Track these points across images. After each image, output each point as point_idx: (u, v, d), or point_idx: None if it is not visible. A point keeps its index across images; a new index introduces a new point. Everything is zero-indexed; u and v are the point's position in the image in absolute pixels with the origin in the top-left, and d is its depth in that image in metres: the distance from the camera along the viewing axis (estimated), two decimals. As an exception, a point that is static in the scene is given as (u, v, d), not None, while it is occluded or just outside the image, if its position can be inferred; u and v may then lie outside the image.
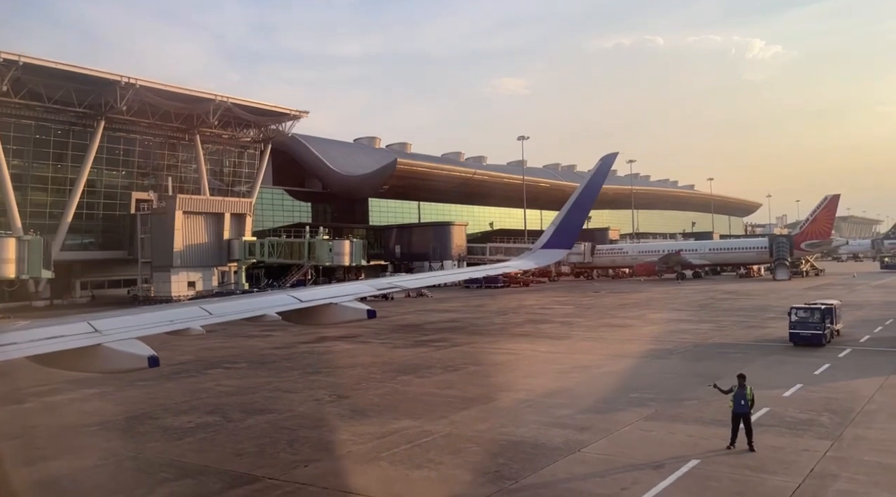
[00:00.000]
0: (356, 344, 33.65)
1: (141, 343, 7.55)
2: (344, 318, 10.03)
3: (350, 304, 10.03)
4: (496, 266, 19.65)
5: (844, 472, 13.12)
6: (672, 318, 41.79)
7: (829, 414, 17.42)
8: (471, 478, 13.47)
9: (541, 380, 23.35)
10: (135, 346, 7.48)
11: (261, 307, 9.59)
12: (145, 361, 7.30)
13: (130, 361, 7.37)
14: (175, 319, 8.55)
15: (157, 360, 7.29)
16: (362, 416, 18.80)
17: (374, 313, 9.99)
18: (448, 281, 20.19)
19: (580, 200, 15.00)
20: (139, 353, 7.36)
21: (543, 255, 15.17)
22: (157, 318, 8.55)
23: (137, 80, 70.01)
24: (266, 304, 9.79)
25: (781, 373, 22.97)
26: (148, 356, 7.31)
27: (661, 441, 15.57)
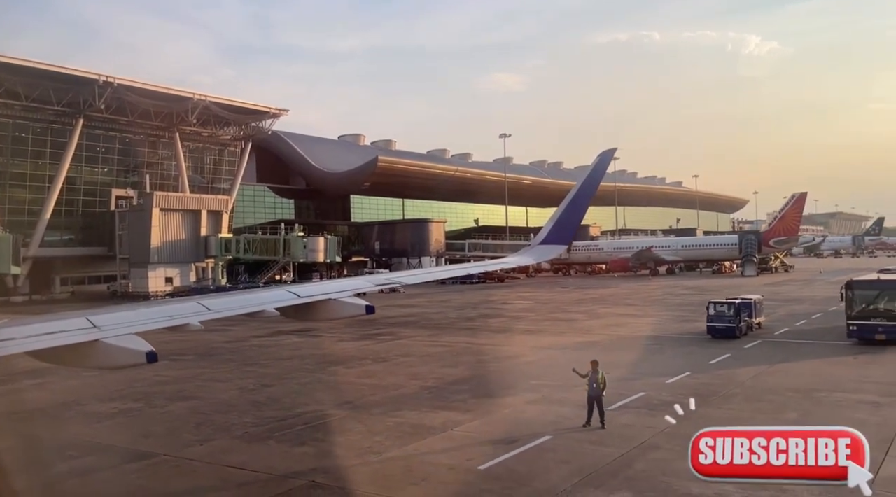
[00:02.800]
0: (306, 338, 35.24)
1: (139, 338, 7.54)
2: (343, 314, 10.04)
3: (349, 300, 10.04)
4: (494, 262, 20.38)
5: (667, 444, 14.74)
6: (618, 313, 43.45)
7: (711, 398, 19.05)
8: (342, 452, 15.12)
9: (457, 369, 24.99)
10: (133, 341, 7.47)
11: (259, 303, 9.65)
12: (143, 357, 7.30)
13: (128, 357, 7.38)
14: (174, 315, 8.57)
15: (155, 355, 7.31)
16: (275, 402, 20.43)
17: (372, 309, 9.93)
18: (445, 277, 20.61)
19: (578, 197, 14.94)
20: (137, 348, 7.36)
21: (541, 251, 15.11)
22: (155, 314, 8.54)
23: (115, 78, 71.51)
24: (264, 299, 9.88)
25: (680, 362, 24.58)
26: (146, 352, 7.32)
27: (529, 421, 17.20)
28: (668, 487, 12.24)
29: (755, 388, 20.31)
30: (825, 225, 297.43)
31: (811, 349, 27.18)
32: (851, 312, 27.29)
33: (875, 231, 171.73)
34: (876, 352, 25.32)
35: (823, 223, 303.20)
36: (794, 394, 19.24)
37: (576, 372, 17.04)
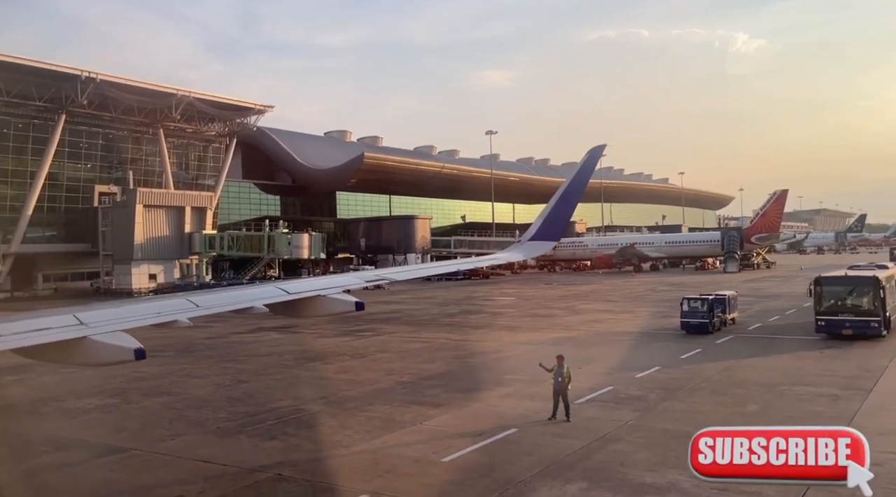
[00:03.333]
0: (287, 334, 35.43)
1: (127, 335, 7.48)
2: (332, 310, 9.98)
3: (338, 297, 9.99)
4: (485, 258, 20.49)
5: (629, 436, 15.21)
6: (597, 309, 43.94)
7: (660, 391, 19.51)
8: (311, 446, 15.40)
9: (433, 365, 25.33)
10: (121, 338, 7.42)
11: (248, 299, 9.56)
12: (132, 354, 7.26)
13: (116, 354, 7.33)
14: (162, 311, 8.48)
15: (143, 352, 7.26)
16: (250, 397, 20.68)
17: (362, 305, 9.92)
18: (434, 273, 20.34)
19: (568, 193, 15.00)
20: (125, 345, 7.32)
21: (531, 247, 15.15)
22: (143, 311, 8.50)
23: (98, 74, 71.11)
24: (253, 296, 9.82)
25: (652, 357, 25.01)
26: (134, 349, 7.28)
27: (498, 414, 17.56)
28: (623, 477, 12.62)
29: (721, 382, 20.77)
30: (810, 222, 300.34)
31: (781, 344, 27.73)
32: (820, 308, 27.87)
33: (857, 228, 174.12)
34: (842, 346, 25.90)
35: (808, 220, 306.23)
36: (757, 387, 19.71)
37: (542, 366, 17.41)
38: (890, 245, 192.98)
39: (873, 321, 26.67)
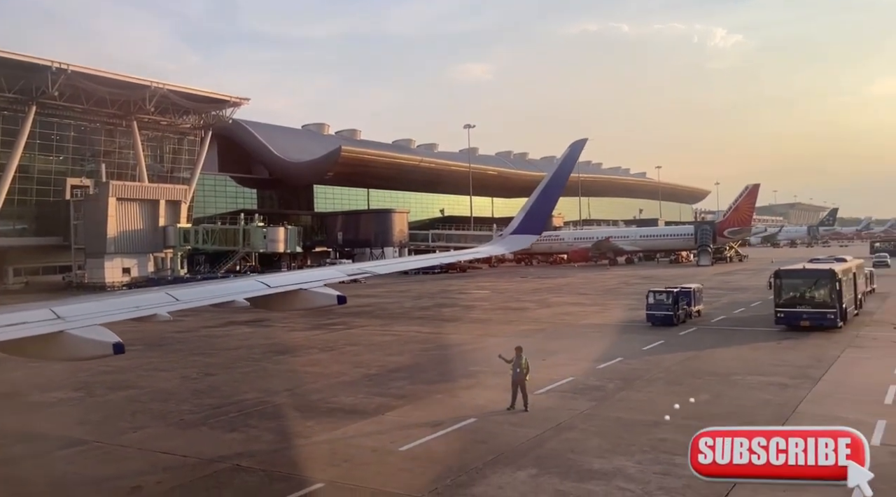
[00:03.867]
0: (257, 327, 35.52)
1: (105, 329, 7.37)
2: (314, 304, 9.98)
3: (320, 290, 9.98)
4: (466, 252, 20.36)
5: (583, 424, 15.65)
6: (569, 302, 44.52)
7: (619, 381, 20.01)
8: (272, 437, 15.62)
9: (401, 357, 25.63)
10: (99, 332, 7.31)
11: (229, 293, 9.51)
12: (110, 348, 7.17)
13: (94, 348, 7.24)
14: (141, 305, 8.38)
15: (122, 346, 7.17)
16: (215, 390, 20.81)
17: (344, 299, 9.89)
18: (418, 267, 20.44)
19: (549, 187, 15.06)
20: (103, 339, 7.21)
21: (513, 240, 15.14)
22: (122, 305, 8.31)
23: (69, 65, 70.01)
24: (234, 290, 9.75)
25: (615, 348, 25.53)
26: (113, 343, 7.18)
27: (459, 405, 17.91)
28: (572, 464, 13.02)
29: (678, 372, 21.32)
30: (784, 215, 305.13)
31: (741, 336, 28.44)
32: (779, 300, 28.63)
33: (829, 221, 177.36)
34: (799, 337, 26.64)
35: (783, 213, 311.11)
36: (712, 377, 20.29)
37: (501, 358, 17.79)
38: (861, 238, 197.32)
39: (829, 313, 27.46)
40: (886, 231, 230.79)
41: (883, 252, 72.38)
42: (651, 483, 11.90)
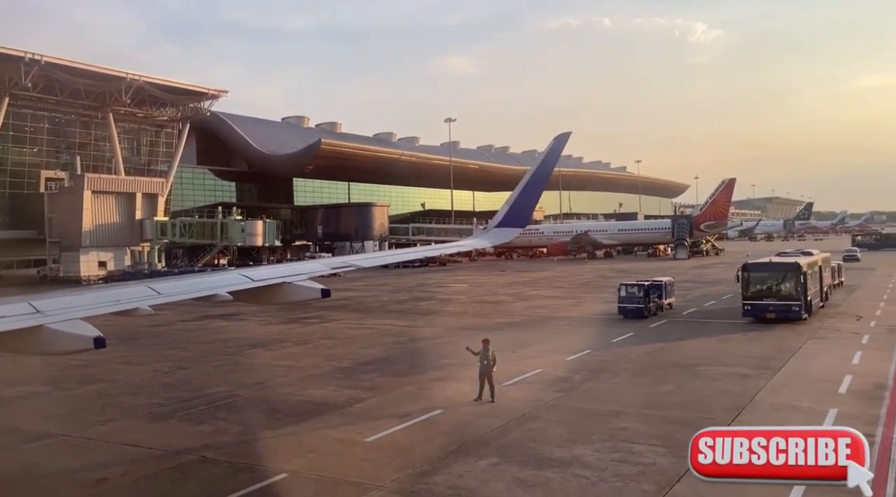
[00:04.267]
0: (232, 321, 35.48)
1: (85, 323, 7.30)
2: (298, 298, 9.91)
3: (304, 284, 9.91)
4: (450, 245, 20.50)
5: (546, 415, 15.99)
6: (545, 295, 44.97)
7: (586, 373, 20.38)
8: (239, 429, 15.75)
9: (374, 351, 25.82)
10: (79, 326, 7.25)
11: (211, 287, 9.42)
12: (91, 342, 7.10)
13: (74, 342, 7.17)
14: (122, 299, 8.28)
15: (103, 340, 7.10)
16: (186, 383, 20.87)
17: (328, 292, 9.86)
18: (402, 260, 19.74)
19: (533, 180, 15.13)
20: (84, 334, 7.16)
21: (497, 233, 15.30)
22: (102, 298, 8.29)
23: (43, 56, 68.97)
24: (217, 283, 9.68)
25: (586, 340, 25.93)
26: (93, 337, 7.12)
27: (427, 397, 18.15)
28: (532, 452, 13.33)
29: (645, 363, 21.76)
30: (762, 209, 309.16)
31: (709, 328, 28.99)
32: (746, 293, 29.22)
33: (805, 215, 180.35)
34: (765, 329, 27.24)
35: (761, 207, 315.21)
36: (676, 368, 20.74)
37: (469, 350, 18.07)
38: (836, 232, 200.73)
39: (794, 305, 28.10)
40: (861, 225, 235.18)
41: (855, 247, 73.74)
42: (607, 470, 12.24)
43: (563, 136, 15.85)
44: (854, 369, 19.42)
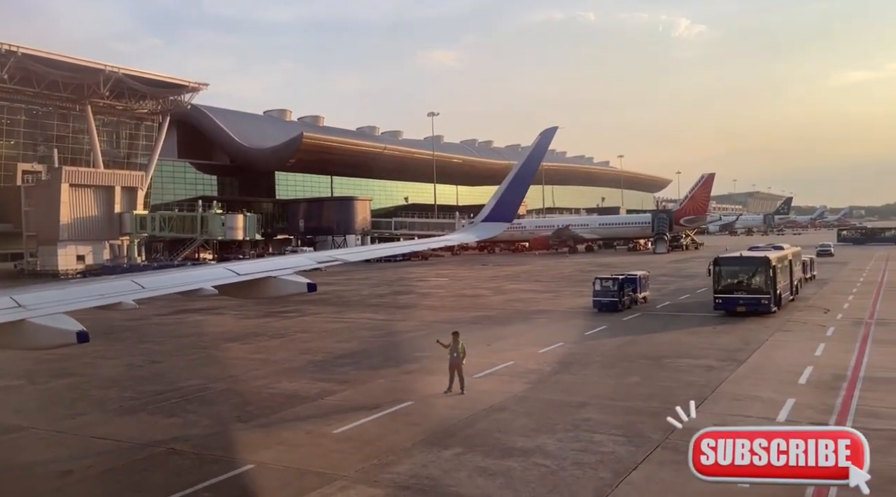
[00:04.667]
0: (209, 315, 35.44)
1: (69, 318, 7.26)
2: (284, 292, 9.89)
3: (289, 278, 9.88)
4: (437, 239, 20.39)
5: (513, 406, 16.26)
6: (523, 289, 45.33)
7: (556, 365, 20.70)
8: (209, 422, 15.86)
9: (350, 344, 25.97)
10: (62, 321, 7.21)
11: (196, 281, 9.38)
12: (74, 337, 7.07)
13: (57, 337, 7.14)
14: (106, 293, 8.25)
15: (86, 335, 7.06)
16: (160, 377, 20.91)
17: (314, 287, 9.79)
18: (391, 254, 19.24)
19: (520, 175, 15.12)
20: (67, 328, 7.13)
21: (484, 228, 15.22)
22: (86, 292, 8.19)
23: (19, 47, 68.00)
24: (202, 277, 9.64)
25: (559, 333, 26.24)
26: (77, 331, 7.08)
27: (399, 389, 18.36)
28: (497, 442, 13.58)
29: (614, 356, 22.11)
30: (744, 204, 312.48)
31: (681, 321, 29.46)
32: (717, 287, 29.72)
33: (784, 210, 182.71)
34: (735, 322, 27.74)
35: (742, 202, 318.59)
36: (644, 360, 21.12)
37: (439, 343, 18.29)
38: (815, 227, 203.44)
39: (764, 298, 28.64)
40: (839, 220, 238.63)
41: (829, 242, 74.81)
42: (567, 459, 12.53)
43: (550, 130, 15.84)
44: (816, 361, 19.91)
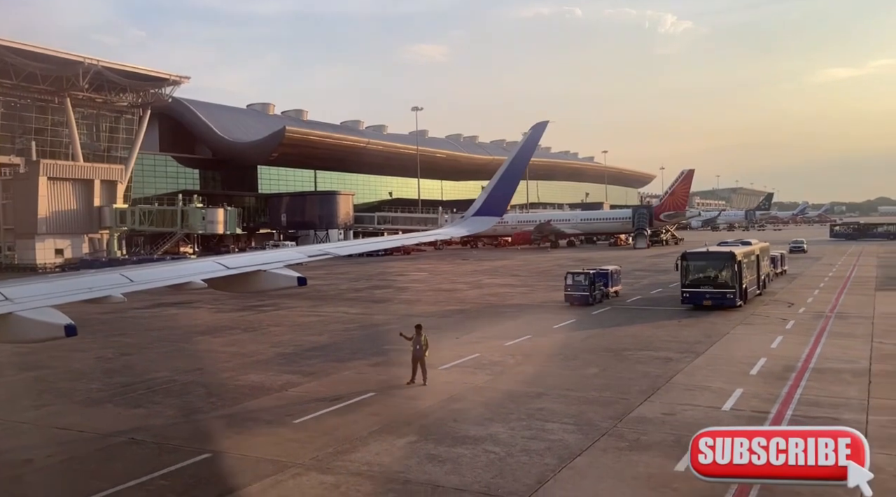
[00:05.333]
0: (185, 309, 35.54)
1: (56, 311, 7.25)
2: (274, 286, 9.88)
3: (280, 272, 9.87)
4: (428, 234, 20.34)
5: (473, 397, 16.66)
6: (500, 283, 45.77)
7: (520, 357, 21.14)
8: (172, 413, 16.12)
9: (321, 337, 26.26)
10: (49, 314, 7.17)
11: (186, 274, 9.35)
12: (62, 330, 7.07)
13: (45, 330, 7.12)
14: (94, 287, 8.18)
15: (74, 328, 7.07)
16: (129, 369, 21.11)
17: (304, 280, 9.88)
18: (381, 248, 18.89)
19: (511, 169, 15.15)
20: (55, 321, 7.12)
21: (475, 222, 15.27)
22: (74, 286, 8.18)
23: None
24: (191, 270, 9.62)
25: (528, 327, 26.67)
26: (64, 325, 7.08)
27: (363, 380, 18.72)
28: (451, 431, 13.96)
29: (577, 348, 22.55)
30: (727, 199, 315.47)
31: (649, 314, 30.02)
32: (685, 281, 30.31)
33: (765, 206, 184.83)
34: (700, 316, 28.33)
35: (726, 198, 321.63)
36: (606, 352, 21.58)
37: (402, 335, 18.66)
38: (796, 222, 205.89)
39: (729, 293, 29.26)
40: (821, 215, 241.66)
41: (801, 239, 75.17)
42: (517, 446, 12.94)
43: (541, 125, 15.84)
44: (770, 353, 20.49)
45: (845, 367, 18.43)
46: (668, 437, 13.11)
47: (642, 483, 11.13)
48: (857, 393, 15.81)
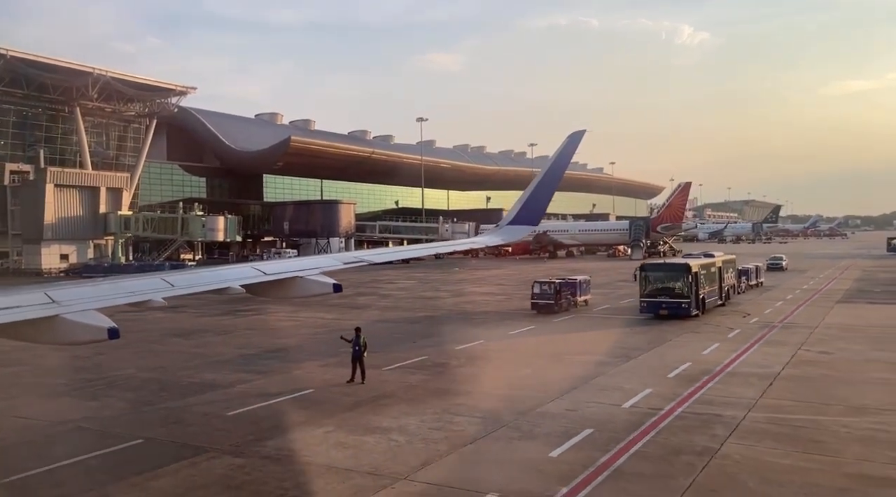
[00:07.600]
0: (171, 313, 36.90)
1: (100, 314, 7.44)
2: (310, 292, 10.05)
3: (316, 278, 10.05)
4: (465, 242, 21.05)
5: (402, 394, 17.89)
6: (481, 292, 46.96)
7: (464, 360, 22.38)
8: (122, 404, 17.51)
9: (287, 340, 27.63)
10: (93, 317, 7.35)
11: (224, 280, 9.61)
12: (105, 333, 7.22)
13: (89, 333, 7.33)
14: (136, 291, 8.51)
15: (117, 331, 7.23)
16: (97, 367, 22.52)
17: (340, 287, 9.95)
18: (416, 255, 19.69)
19: (547, 178, 15.10)
20: (98, 324, 7.29)
21: (510, 231, 15.24)
22: (117, 290, 8.45)
23: (9, 50, 69.93)
24: (230, 276, 9.86)
25: (486, 332, 27.87)
26: (108, 328, 7.23)
27: (308, 379, 19.98)
28: (367, 423, 15.14)
29: (523, 353, 23.72)
30: (739, 212, 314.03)
31: (608, 323, 31.07)
32: (643, 291, 31.32)
33: (772, 219, 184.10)
34: (655, 324, 29.35)
35: (738, 210, 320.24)
36: (548, 356, 22.69)
37: (343, 338, 19.96)
38: (805, 235, 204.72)
39: (684, 303, 30.23)
40: (832, 229, 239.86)
41: (781, 255, 64.25)
42: (419, 436, 14.16)
43: (578, 133, 15.54)
44: (698, 358, 21.52)
45: (758, 371, 19.44)
46: (558, 429, 14.27)
47: (515, 466, 12.31)
48: (753, 394, 16.84)
